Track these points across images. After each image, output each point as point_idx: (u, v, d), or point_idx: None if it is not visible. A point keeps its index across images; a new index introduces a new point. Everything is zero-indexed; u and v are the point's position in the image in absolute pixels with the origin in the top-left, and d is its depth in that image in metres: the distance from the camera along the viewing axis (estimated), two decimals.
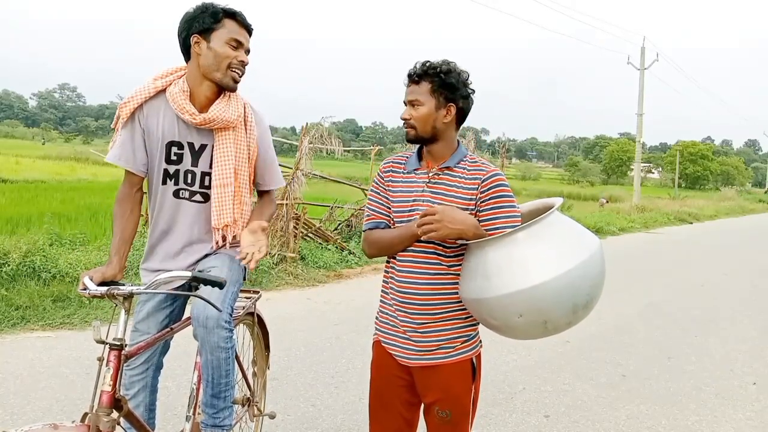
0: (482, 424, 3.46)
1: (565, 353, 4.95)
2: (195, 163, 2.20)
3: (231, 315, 2.15)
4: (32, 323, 4.82)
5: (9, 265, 5.54)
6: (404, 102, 2.01)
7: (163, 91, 2.16)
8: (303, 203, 8.24)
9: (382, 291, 2.10)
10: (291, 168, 8.03)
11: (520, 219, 1.93)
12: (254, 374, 2.87)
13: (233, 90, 2.18)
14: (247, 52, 2.18)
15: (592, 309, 1.86)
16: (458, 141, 2.05)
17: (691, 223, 21.67)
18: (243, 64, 2.15)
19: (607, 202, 25.10)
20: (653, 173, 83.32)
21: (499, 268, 1.79)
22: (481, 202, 1.94)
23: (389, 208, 2.06)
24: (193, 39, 2.10)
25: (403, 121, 2.00)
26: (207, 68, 2.11)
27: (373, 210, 2.09)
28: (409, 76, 1.98)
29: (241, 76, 2.17)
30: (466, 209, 1.93)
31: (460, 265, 1.96)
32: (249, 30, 2.18)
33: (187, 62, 2.17)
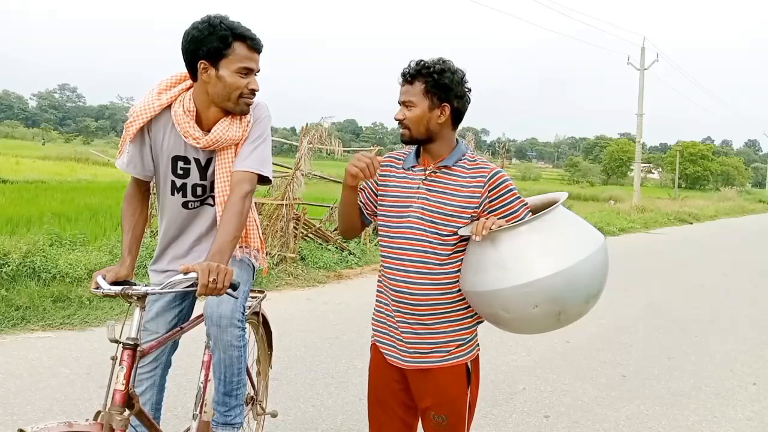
0: (482, 424, 3.45)
1: (565, 353, 4.95)
2: (203, 177, 2.17)
3: (243, 314, 2.16)
4: (32, 323, 4.83)
5: (9, 266, 5.55)
6: (399, 102, 1.97)
7: (169, 107, 2.08)
8: (303, 203, 8.25)
9: (377, 290, 2.08)
10: (290, 168, 8.04)
11: (530, 207, 1.98)
12: (258, 373, 2.87)
13: (246, 114, 2.10)
14: (258, 71, 2.07)
15: (598, 300, 1.91)
16: (457, 139, 2.02)
17: (691, 223, 21.68)
18: (254, 92, 2.06)
19: (615, 203, 25.29)
20: (653, 173, 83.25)
21: (517, 258, 1.79)
22: (489, 202, 1.92)
23: (372, 198, 2.08)
24: (201, 65, 1.99)
25: (398, 122, 1.98)
26: (217, 97, 2.03)
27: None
28: (403, 75, 1.95)
29: (252, 100, 2.08)
30: (467, 208, 1.91)
31: (454, 263, 1.94)
32: (259, 50, 2.05)
33: (193, 80, 2.07)
